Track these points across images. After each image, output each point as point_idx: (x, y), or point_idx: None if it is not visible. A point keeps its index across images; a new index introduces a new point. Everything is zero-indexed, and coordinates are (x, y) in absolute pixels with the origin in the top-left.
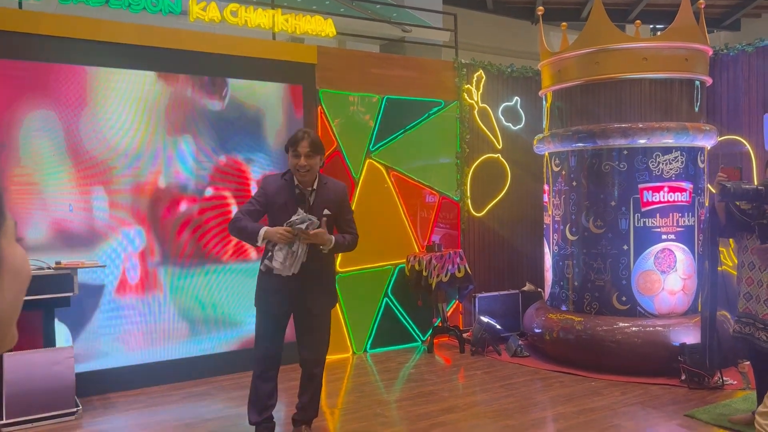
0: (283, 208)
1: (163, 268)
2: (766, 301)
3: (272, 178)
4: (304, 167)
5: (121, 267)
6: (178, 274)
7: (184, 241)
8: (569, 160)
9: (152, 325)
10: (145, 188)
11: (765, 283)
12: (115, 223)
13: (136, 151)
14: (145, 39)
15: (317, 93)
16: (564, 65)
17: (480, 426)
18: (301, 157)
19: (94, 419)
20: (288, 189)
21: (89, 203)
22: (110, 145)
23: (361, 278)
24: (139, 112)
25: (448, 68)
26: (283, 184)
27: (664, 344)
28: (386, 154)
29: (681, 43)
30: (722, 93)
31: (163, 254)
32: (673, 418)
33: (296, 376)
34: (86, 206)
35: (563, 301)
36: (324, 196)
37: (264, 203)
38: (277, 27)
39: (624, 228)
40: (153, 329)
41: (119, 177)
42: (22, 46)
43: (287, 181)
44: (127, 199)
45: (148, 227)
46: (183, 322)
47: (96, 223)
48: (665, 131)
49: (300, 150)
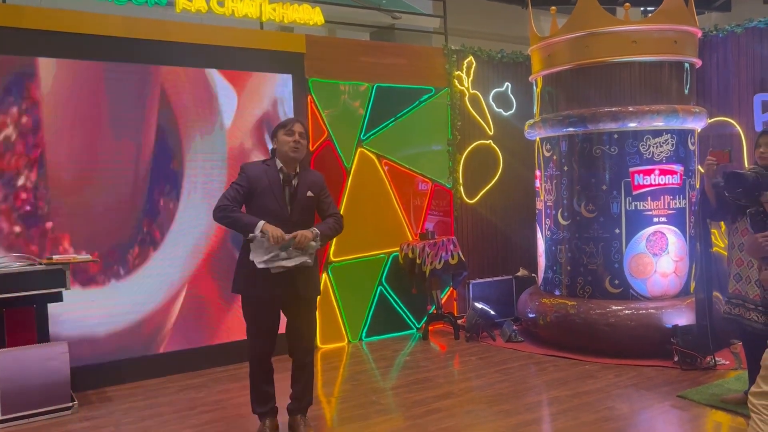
0: (267, 190)
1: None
2: (756, 282)
3: (252, 164)
4: (298, 143)
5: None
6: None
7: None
8: (560, 145)
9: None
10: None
11: (755, 264)
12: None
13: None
14: (131, 31)
15: (307, 82)
16: (554, 50)
17: (475, 411)
18: (295, 134)
19: (91, 413)
20: (272, 172)
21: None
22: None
23: (355, 267)
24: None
25: (438, 55)
26: (265, 168)
27: (656, 326)
28: (378, 142)
29: (670, 26)
30: (712, 75)
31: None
32: (667, 399)
33: (288, 366)
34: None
35: (556, 285)
36: (305, 179)
37: (247, 188)
38: (264, 16)
39: (615, 212)
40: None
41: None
42: (6, 40)
43: (270, 166)
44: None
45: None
46: (177, 314)
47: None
48: (655, 114)
49: (294, 129)
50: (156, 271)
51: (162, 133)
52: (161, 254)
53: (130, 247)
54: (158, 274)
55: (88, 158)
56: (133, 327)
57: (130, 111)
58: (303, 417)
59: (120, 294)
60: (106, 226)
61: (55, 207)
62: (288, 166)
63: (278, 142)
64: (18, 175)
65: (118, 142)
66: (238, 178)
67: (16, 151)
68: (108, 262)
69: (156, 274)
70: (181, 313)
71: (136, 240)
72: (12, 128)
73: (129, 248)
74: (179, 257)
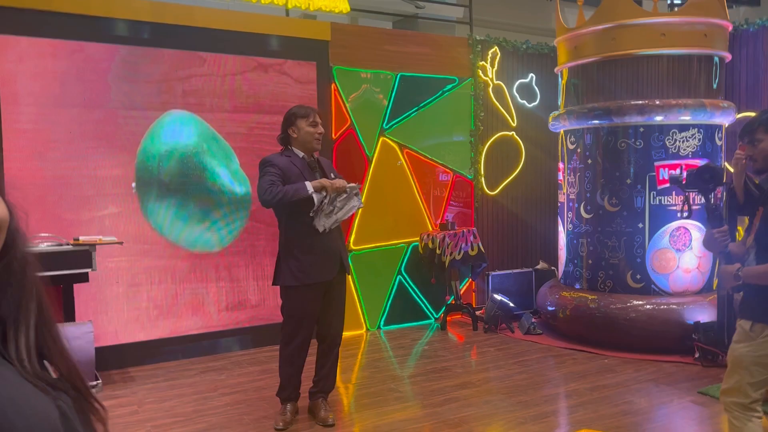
0: (300, 176)
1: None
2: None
3: (274, 156)
4: (321, 134)
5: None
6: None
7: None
8: (584, 138)
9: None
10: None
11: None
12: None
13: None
14: (159, 16)
15: (331, 70)
16: (580, 41)
17: (493, 402)
18: (318, 125)
19: (114, 392)
20: (297, 161)
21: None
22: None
23: (374, 256)
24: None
25: (462, 45)
26: (288, 158)
27: (678, 322)
28: (400, 131)
29: (700, 18)
30: (741, 69)
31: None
32: (687, 395)
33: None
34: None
35: (577, 279)
36: (324, 164)
37: (281, 175)
38: (290, 3)
39: (639, 206)
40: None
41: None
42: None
43: (290, 156)
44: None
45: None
46: (200, 298)
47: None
48: (682, 108)
49: (317, 119)
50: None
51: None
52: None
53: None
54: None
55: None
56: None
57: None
58: (324, 401)
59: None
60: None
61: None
62: (308, 153)
63: (299, 132)
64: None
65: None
66: (269, 169)
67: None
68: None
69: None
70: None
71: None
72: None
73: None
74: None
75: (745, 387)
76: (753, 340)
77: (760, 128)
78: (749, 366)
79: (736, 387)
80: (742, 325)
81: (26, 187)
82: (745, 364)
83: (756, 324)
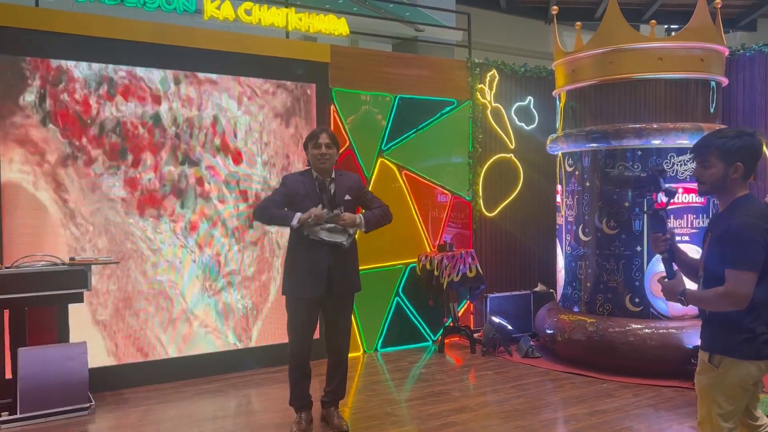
0: (305, 197)
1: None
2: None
3: (291, 175)
4: (324, 155)
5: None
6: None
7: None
8: (582, 161)
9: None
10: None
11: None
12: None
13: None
14: (159, 37)
15: (330, 92)
16: (578, 65)
17: (491, 426)
18: (321, 147)
19: (107, 414)
20: (308, 181)
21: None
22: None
23: (372, 277)
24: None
25: (461, 67)
26: (302, 179)
27: (677, 346)
28: (398, 153)
29: (697, 43)
30: (738, 93)
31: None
32: (687, 420)
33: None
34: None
35: (575, 302)
36: (342, 183)
37: (286, 194)
38: (290, 26)
39: (637, 229)
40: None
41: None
42: (39, 44)
43: (306, 176)
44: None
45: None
46: (195, 319)
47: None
48: (680, 132)
49: (320, 141)
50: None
51: None
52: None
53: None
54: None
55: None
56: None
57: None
58: (336, 409)
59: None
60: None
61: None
62: (322, 174)
63: (308, 155)
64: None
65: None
66: (277, 188)
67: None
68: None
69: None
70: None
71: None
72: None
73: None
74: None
75: (716, 419)
76: (712, 371)
77: (715, 153)
78: (716, 398)
79: (707, 419)
80: (701, 356)
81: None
82: (711, 396)
83: (714, 355)
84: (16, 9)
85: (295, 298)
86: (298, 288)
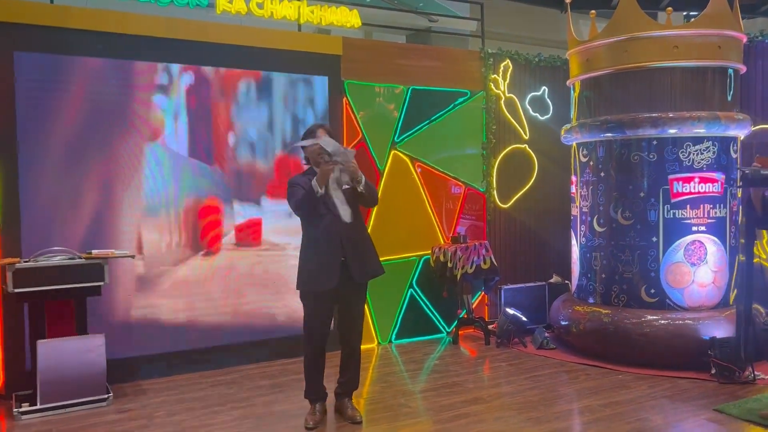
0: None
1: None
2: None
3: (298, 177)
4: (322, 148)
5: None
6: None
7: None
8: (597, 151)
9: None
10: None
11: None
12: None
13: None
14: (172, 32)
15: (343, 84)
16: (593, 54)
17: (505, 418)
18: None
19: (125, 405)
20: (311, 178)
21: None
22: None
23: (386, 269)
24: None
25: (474, 58)
26: (306, 178)
27: (693, 338)
28: (411, 145)
29: (714, 30)
30: (757, 81)
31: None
32: (702, 412)
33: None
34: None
35: (590, 293)
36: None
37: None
38: (302, 18)
39: (653, 219)
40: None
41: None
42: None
43: (309, 174)
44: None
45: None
46: (214, 311)
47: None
48: (696, 121)
49: (318, 137)
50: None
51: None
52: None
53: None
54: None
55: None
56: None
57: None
58: (349, 400)
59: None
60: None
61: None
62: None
63: (307, 151)
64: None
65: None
66: (295, 187)
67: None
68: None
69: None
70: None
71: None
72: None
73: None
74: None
75: None
76: None
77: None
78: None
79: None
80: None
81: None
82: None
83: None
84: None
85: (309, 292)
86: (311, 281)
